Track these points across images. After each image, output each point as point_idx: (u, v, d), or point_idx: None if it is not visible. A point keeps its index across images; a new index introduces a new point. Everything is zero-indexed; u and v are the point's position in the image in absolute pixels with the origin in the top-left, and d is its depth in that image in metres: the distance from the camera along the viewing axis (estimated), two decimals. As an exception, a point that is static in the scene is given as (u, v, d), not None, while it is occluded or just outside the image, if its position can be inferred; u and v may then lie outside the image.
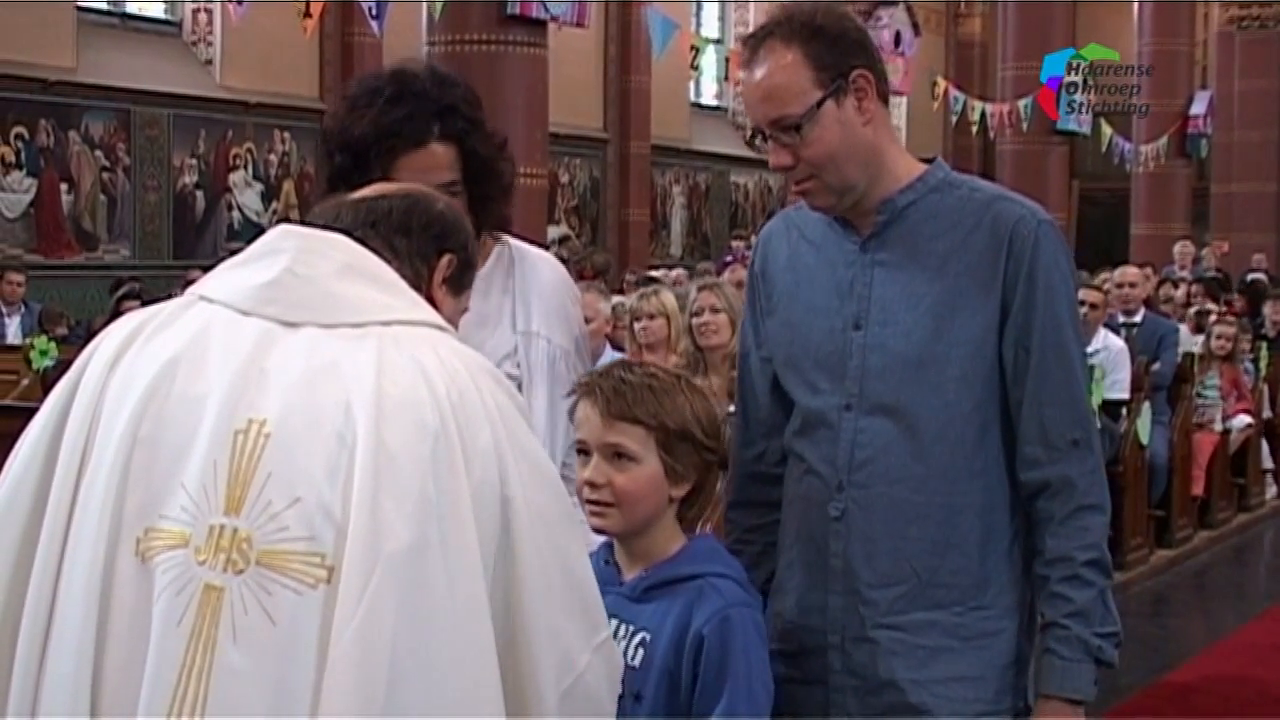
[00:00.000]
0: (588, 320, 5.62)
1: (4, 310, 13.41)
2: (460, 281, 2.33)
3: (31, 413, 2.15)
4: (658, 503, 2.66)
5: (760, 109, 2.73)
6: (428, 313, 2.14)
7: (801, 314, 2.84)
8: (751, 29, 2.77)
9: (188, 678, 1.89)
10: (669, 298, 7.60)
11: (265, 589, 1.90)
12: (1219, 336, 11.56)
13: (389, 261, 2.17)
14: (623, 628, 2.62)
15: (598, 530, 2.67)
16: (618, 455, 2.63)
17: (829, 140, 2.69)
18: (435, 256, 2.27)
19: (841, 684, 2.77)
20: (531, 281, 3.08)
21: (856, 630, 2.75)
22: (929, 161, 2.85)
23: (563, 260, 4.25)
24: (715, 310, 6.96)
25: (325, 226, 2.19)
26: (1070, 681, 2.69)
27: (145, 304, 2.28)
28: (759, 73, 2.72)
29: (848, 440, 2.75)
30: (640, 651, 2.61)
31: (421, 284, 2.23)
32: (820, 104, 2.68)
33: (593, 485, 2.64)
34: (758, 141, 2.80)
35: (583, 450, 2.67)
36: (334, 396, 1.97)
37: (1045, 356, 2.70)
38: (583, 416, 2.68)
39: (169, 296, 2.20)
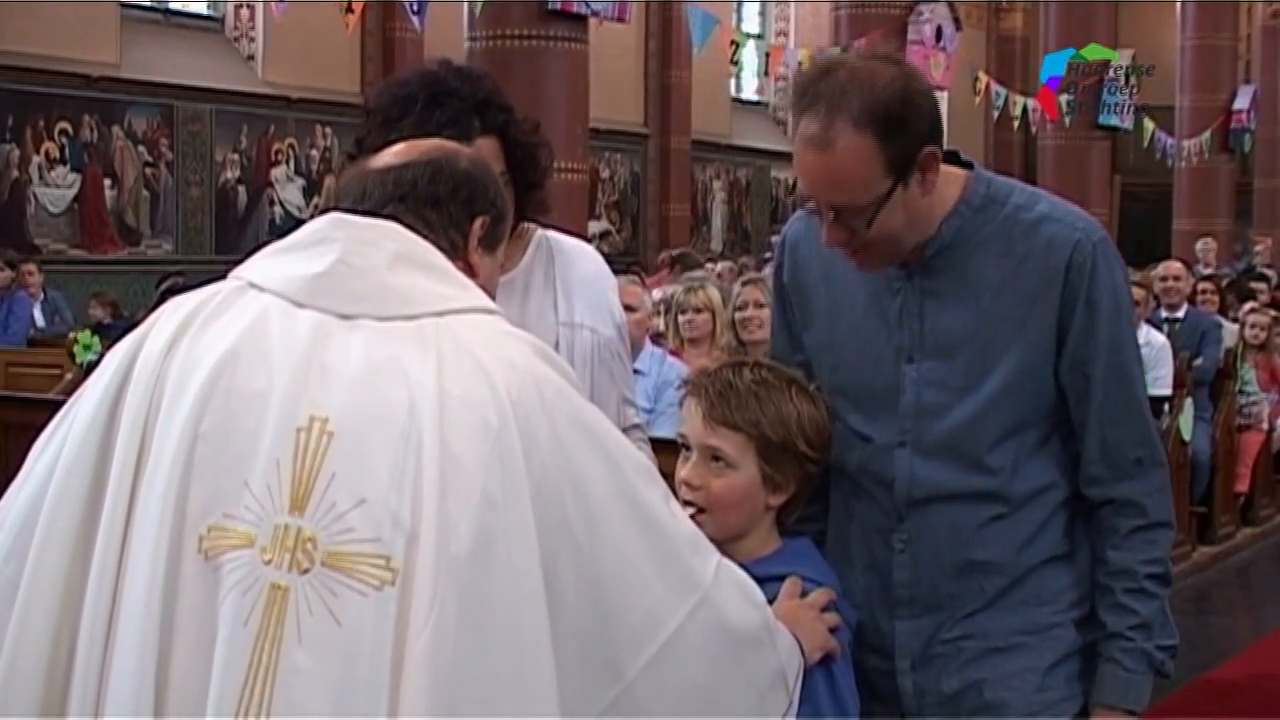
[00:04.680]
0: (631, 310, 5.63)
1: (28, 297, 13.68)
2: (494, 236, 2.30)
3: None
4: (752, 511, 2.62)
5: (825, 193, 2.56)
6: (476, 297, 2.14)
7: (845, 338, 2.76)
8: (811, 81, 2.56)
9: (254, 677, 1.90)
10: (714, 292, 7.61)
11: (331, 590, 1.91)
12: (1253, 325, 11.48)
13: (424, 236, 2.16)
14: None
15: None
16: (715, 459, 2.60)
17: (893, 224, 2.58)
18: (468, 222, 2.24)
19: (914, 705, 2.75)
20: (571, 272, 3.08)
21: (924, 650, 2.73)
22: (966, 165, 2.73)
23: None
24: (759, 305, 6.95)
25: (354, 204, 2.18)
26: (1132, 693, 2.68)
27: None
28: (824, 156, 2.52)
29: (905, 475, 2.69)
30: None
31: (458, 252, 2.21)
32: (890, 193, 2.54)
33: (689, 485, 2.61)
34: (809, 207, 2.66)
35: (685, 445, 2.65)
36: (396, 395, 1.98)
37: (1108, 381, 2.65)
38: (687, 414, 2.65)
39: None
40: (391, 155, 2.28)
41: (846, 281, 2.76)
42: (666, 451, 2.87)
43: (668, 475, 2.49)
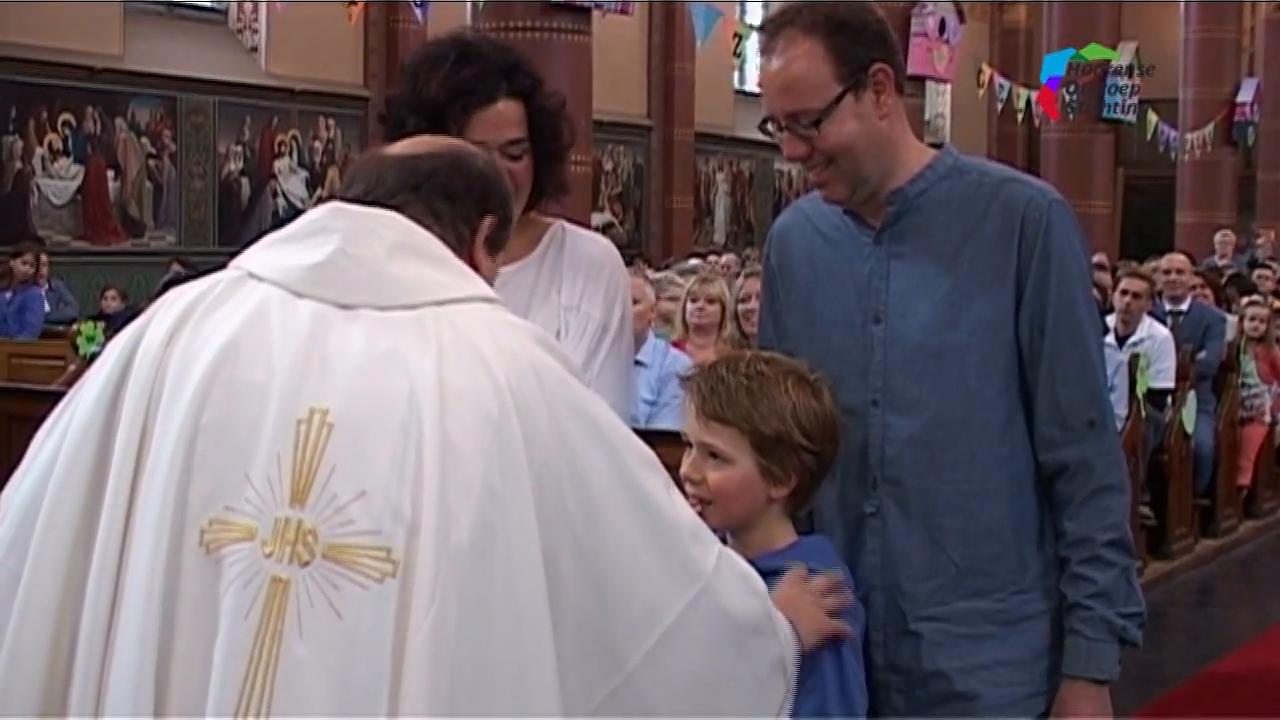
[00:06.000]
0: (634, 301, 5.65)
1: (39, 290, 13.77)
2: (498, 240, 2.31)
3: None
4: (753, 503, 2.63)
5: (777, 100, 2.71)
6: (477, 286, 2.14)
7: (821, 310, 2.84)
8: (771, 14, 2.78)
9: (255, 671, 1.90)
10: (725, 287, 7.82)
11: (332, 583, 1.91)
12: (1252, 318, 11.50)
13: (430, 227, 2.15)
14: None
15: None
16: (712, 454, 2.62)
17: (846, 133, 2.69)
18: (478, 218, 2.25)
19: (885, 680, 2.75)
20: (578, 258, 3.10)
21: (898, 624, 2.75)
22: (938, 148, 2.85)
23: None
24: (763, 297, 7.02)
25: (368, 189, 2.18)
26: (1095, 661, 2.69)
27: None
28: (777, 63, 2.70)
29: (877, 436, 2.74)
30: None
31: (463, 246, 2.21)
32: (839, 99, 2.67)
33: (690, 480, 2.62)
34: (770, 128, 2.78)
35: (687, 442, 2.66)
36: (396, 387, 1.97)
37: (1059, 337, 2.70)
38: (683, 410, 2.68)
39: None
40: (408, 145, 2.30)
41: (825, 259, 2.85)
42: (670, 443, 2.87)
43: (672, 467, 2.50)
